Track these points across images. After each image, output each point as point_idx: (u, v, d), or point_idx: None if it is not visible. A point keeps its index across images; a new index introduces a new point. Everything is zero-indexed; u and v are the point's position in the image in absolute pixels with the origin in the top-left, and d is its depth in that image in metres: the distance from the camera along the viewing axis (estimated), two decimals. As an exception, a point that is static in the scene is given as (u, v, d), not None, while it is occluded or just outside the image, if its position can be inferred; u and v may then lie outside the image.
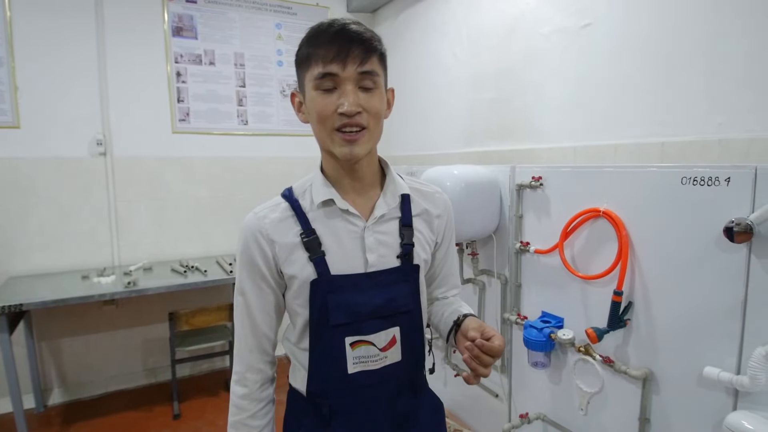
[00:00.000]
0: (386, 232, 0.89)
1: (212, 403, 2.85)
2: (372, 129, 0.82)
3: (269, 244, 0.86)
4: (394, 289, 0.89)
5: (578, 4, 1.97)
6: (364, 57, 0.78)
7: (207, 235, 3.24)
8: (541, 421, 1.80)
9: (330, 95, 0.79)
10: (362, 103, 0.79)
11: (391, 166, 0.94)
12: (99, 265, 2.89)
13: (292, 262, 0.86)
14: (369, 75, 0.79)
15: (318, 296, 0.85)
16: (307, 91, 0.82)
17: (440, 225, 0.99)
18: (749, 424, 1.07)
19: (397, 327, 0.90)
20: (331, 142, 0.82)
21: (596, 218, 1.53)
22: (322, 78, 0.78)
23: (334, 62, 0.77)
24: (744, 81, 1.46)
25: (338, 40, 0.77)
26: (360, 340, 0.87)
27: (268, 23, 3.31)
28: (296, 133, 3.47)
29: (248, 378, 0.91)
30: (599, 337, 1.45)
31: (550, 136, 2.17)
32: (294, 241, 0.86)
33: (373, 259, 0.87)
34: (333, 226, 0.87)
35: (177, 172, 3.10)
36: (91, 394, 2.94)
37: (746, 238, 1.12)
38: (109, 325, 3.00)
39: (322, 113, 0.80)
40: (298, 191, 0.91)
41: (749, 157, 1.42)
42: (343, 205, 0.87)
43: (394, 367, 0.91)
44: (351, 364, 0.87)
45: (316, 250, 0.85)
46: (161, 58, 3.00)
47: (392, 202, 0.90)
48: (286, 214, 0.88)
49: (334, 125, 0.80)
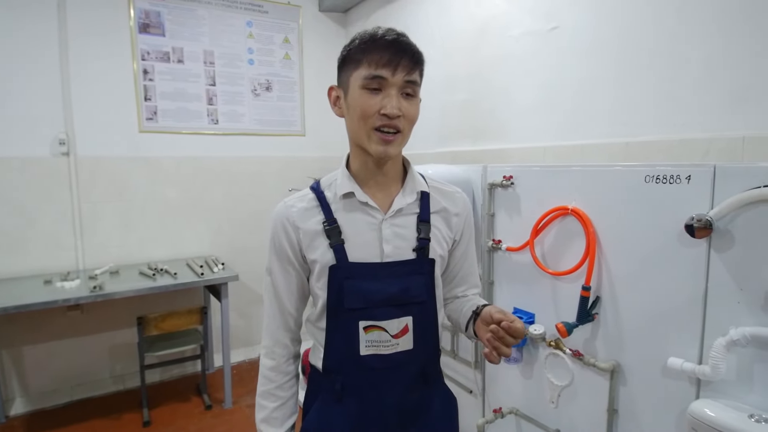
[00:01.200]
0: (404, 226, 0.95)
1: (184, 409, 2.79)
2: (405, 133, 0.90)
3: (294, 230, 0.94)
4: (409, 279, 0.94)
5: (546, 7, 2.02)
6: (412, 67, 0.87)
7: (176, 237, 3.17)
8: (514, 415, 1.84)
9: (375, 96, 0.86)
10: (403, 108, 0.86)
11: (413, 166, 1.01)
12: (63, 269, 2.79)
13: (315, 248, 0.93)
14: (412, 84, 0.88)
15: (336, 281, 0.92)
16: (352, 88, 0.89)
17: (458, 223, 1.04)
18: (711, 412, 1.12)
19: (410, 316, 0.95)
20: (367, 139, 0.89)
21: (565, 216, 1.57)
22: (372, 79, 0.86)
23: (386, 67, 0.85)
24: (703, 83, 1.52)
25: (392, 47, 0.85)
26: (373, 325, 0.93)
27: (238, 21, 3.26)
28: (268, 132, 3.43)
29: (276, 352, 1.01)
30: (569, 331, 1.49)
31: (520, 137, 2.22)
32: (317, 228, 0.93)
33: (389, 249, 0.93)
34: (353, 217, 0.94)
35: (144, 172, 3.02)
36: (55, 403, 2.83)
37: (706, 234, 1.17)
38: (74, 331, 2.89)
39: (366, 111, 0.87)
40: (325, 184, 0.98)
41: (708, 156, 1.49)
42: (363, 197, 0.94)
43: (405, 354, 0.95)
44: (363, 346, 0.93)
45: (336, 238, 0.92)
46: (127, 55, 2.92)
47: (411, 197, 0.97)
48: (311, 204, 0.96)
49: (374, 124, 0.87)
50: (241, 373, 3.27)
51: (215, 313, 3.09)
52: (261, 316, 1.03)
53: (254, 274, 3.42)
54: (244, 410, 2.79)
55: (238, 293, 3.28)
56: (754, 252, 1.12)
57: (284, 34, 3.46)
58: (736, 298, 1.15)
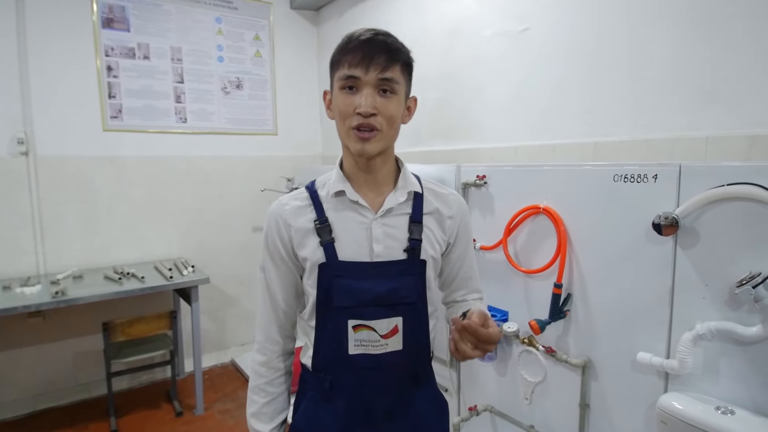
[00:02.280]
0: (395, 226, 0.95)
1: (154, 417, 2.71)
2: (384, 131, 0.89)
3: (286, 228, 0.96)
4: (399, 280, 0.94)
5: (517, 9, 2.05)
6: (387, 65, 0.86)
7: (143, 240, 3.07)
8: (489, 412, 1.85)
9: (352, 95, 0.88)
10: (378, 106, 0.87)
11: (407, 167, 1.01)
12: (22, 274, 2.67)
13: (305, 245, 0.94)
14: (388, 81, 0.87)
15: (325, 279, 0.93)
16: (334, 90, 0.91)
17: (452, 226, 1.03)
18: (679, 405, 1.15)
19: (399, 317, 0.95)
20: (347, 138, 0.90)
21: (537, 215, 1.59)
22: (347, 79, 0.87)
23: (359, 66, 0.86)
24: (667, 85, 1.57)
25: (365, 47, 0.86)
26: (362, 324, 0.93)
27: (207, 17, 3.18)
28: (239, 131, 3.37)
29: (267, 347, 1.01)
30: (541, 328, 1.51)
31: (492, 136, 2.24)
32: (308, 226, 0.94)
33: (380, 249, 0.93)
34: (344, 215, 0.95)
35: (109, 172, 2.92)
36: (16, 414, 2.71)
37: (672, 231, 1.20)
38: (36, 339, 2.77)
39: (344, 112, 0.88)
40: (319, 184, 0.99)
41: (674, 155, 1.53)
42: (354, 196, 0.94)
43: (394, 354, 0.95)
44: (352, 345, 0.93)
45: (326, 236, 0.93)
46: (90, 51, 2.81)
47: (402, 197, 0.96)
48: (305, 203, 0.97)
49: (352, 124, 0.88)
50: (213, 378, 3.20)
51: (185, 317, 3.01)
52: (233, 319, 1.01)
53: (226, 276, 3.35)
54: (216, 416, 2.73)
55: (209, 296, 3.20)
56: (719, 248, 1.15)
57: (255, 31, 3.40)
58: (702, 294, 1.19)
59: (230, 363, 3.40)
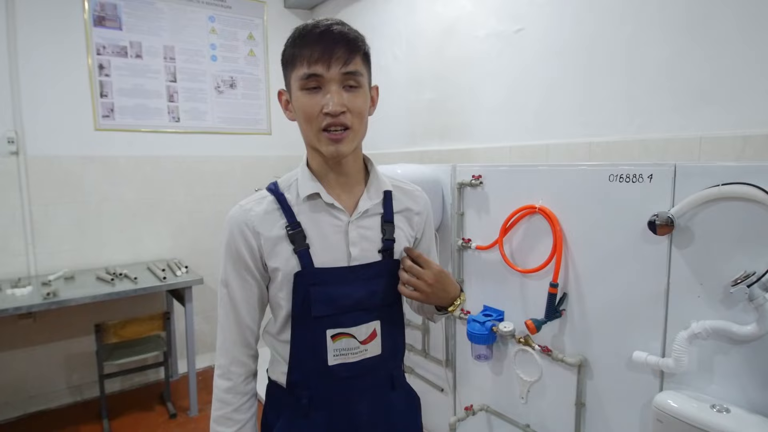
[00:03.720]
0: (369, 227, 0.92)
1: (147, 419, 2.69)
2: (356, 128, 0.85)
3: (255, 236, 0.88)
4: (376, 282, 0.92)
5: (511, 9, 2.05)
6: (348, 57, 0.81)
7: (136, 240, 3.04)
8: (484, 412, 1.86)
9: (315, 95, 0.82)
10: (346, 102, 0.81)
11: (375, 164, 0.97)
12: (12, 276, 2.63)
13: (277, 254, 0.88)
14: (353, 75, 0.82)
15: (301, 288, 0.87)
16: (293, 91, 0.85)
17: (420, 222, 1.02)
18: (675, 403, 1.16)
19: (378, 321, 0.93)
20: (317, 141, 0.85)
21: (533, 214, 1.59)
22: (308, 78, 0.81)
23: (319, 63, 0.80)
24: (661, 84, 1.58)
25: (323, 40, 0.80)
26: (341, 332, 0.89)
27: (200, 15, 3.16)
28: (233, 131, 3.35)
29: (233, 371, 0.92)
30: (537, 327, 1.51)
31: (487, 136, 2.24)
32: (279, 233, 0.88)
33: (356, 252, 0.90)
34: (318, 219, 0.89)
35: (100, 172, 2.89)
36: (7, 417, 2.67)
37: (668, 231, 1.21)
38: (27, 341, 2.74)
39: (309, 113, 0.82)
40: (284, 185, 0.93)
41: (667, 155, 1.54)
42: (329, 199, 0.89)
43: (373, 360, 0.93)
44: (331, 356, 0.89)
45: (300, 242, 0.87)
46: (81, 49, 2.78)
47: (375, 198, 0.94)
48: (271, 207, 0.90)
49: (320, 125, 0.82)
50: (207, 379, 3.18)
51: (179, 318, 2.99)
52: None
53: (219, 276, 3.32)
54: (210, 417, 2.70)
55: (202, 297, 3.18)
56: (713, 248, 1.16)
57: (248, 30, 3.38)
58: (697, 293, 1.20)
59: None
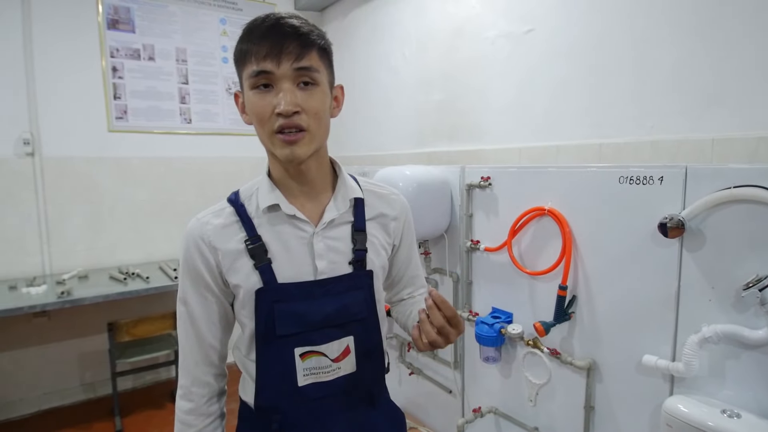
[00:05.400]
0: (337, 238, 0.86)
1: (158, 416, 2.72)
2: (313, 130, 0.77)
3: (212, 251, 0.82)
4: (347, 296, 0.85)
5: (521, 10, 2.04)
6: (300, 52, 0.74)
7: (148, 240, 3.08)
8: (493, 414, 1.85)
9: (266, 94, 0.75)
10: (300, 102, 0.74)
11: (343, 169, 0.90)
12: (28, 275, 2.68)
13: (237, 270, 0.81)
14: (306, 71, 0.75)
15: (264, 306, 0.81)
16: (245, 91, 0.78)
17: (397, 228, 0.96)
18: (685, 408, 1.15)
19: (350, 336, 0.86)
20: (272, 145, 0.78)
21: (541, 216, 1.59)
22: (257, 76, 0.74)
23: (268, 59, 0.73)
24: (671, 85, 1.56)
25: (272, 34, 0.73)
26: (310, 350, 0.83)
27: (211, 18, 3.19)
28: (243, 132, 3.37)
29: (194, 392, 0.86)
30: (546, 330, 1.50)
31: (496, 137, 2.23)
32: (238, 247, 0.81)
33: (323, 265, 0.83)
34: (280, 232, 0.83)
35: (114, 173, 2.93)
36: (22, 413, 2.72)
37: (678, 233, 1.20)
38: (41, 339, 2.78)
39: (260, 115, 0.76)
40: (245, 195, 0.86)
41: (678, 157, 1.53)
42: (290, 210, 0.83)
43: (348, 378, 0.87)
44: (301, 376, 0.83)
45: (261, 257, 0.81)
46: (95, 52, 2.82)
47: (343, 206, 0.86)
48: (230, 220, 0.83)
49: (272, 127, 0.75)
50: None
51: (190, 317, 3.02)
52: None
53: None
54: (220, 416, 2.73)
55: (213, 296, 3.21)
56: (725, 251, 1.15)
57: (259, 32, 3.40)
58: (708, 296, 1.19)
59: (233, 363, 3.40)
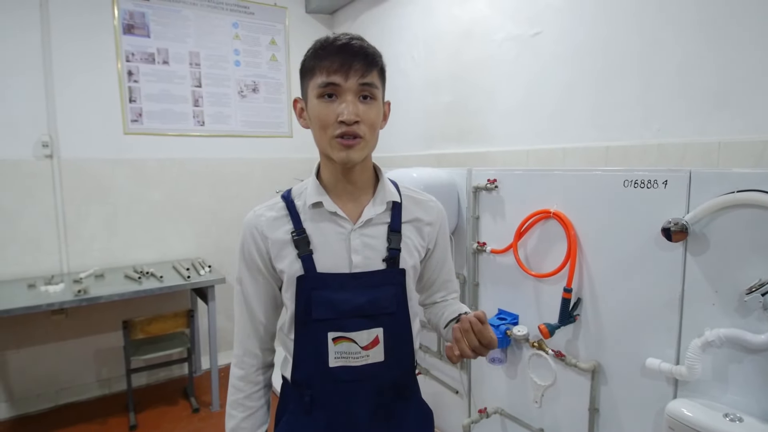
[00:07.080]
0: (373, 236, 0.94)
1: (171, 413, 2.78)
2: (368, 139, 0.88)
3: (263, 239, 0.94)
4: (378, 290, 0.93)
5: (529, 12, 2.05)
6: (366, 70, 0.85)
7: (162, 240, 3.14)
8: (498, 415, 1.86)
9: (331, 104, 0.85)
10: (360, 113, 0.85)
11: (385, 174, 1.00)
12: (46, 273, 2.76)
13: (283, 257, 0.92)
14: (368, 87, 0.86)
15: (303, 291, 0.91)
16: (310, 99, 0.89)
17: (432, 232, 1.03)
18: (688, 411, 1.15)
19: (380, 328, 0.93)
20: (330, 148, 0.87)
21: (547, 219, 1.60)
22: (326, 87, 0.84)
23: (338, 73, 0.83)
24: (677, 88, 1.56)
25: (343, 53, 0.84)
26: (342, 336, 0.91)
27: (224, 22, 3.24)
28: (255, 134, 3.42)
29: (245, 361, 0.99)
30: (551, 332, 1.51)
31: (503, 140, 2.24)
32: (285, 238, 0.93)
33: (358, 260, 0.92)
34: (322, 226, 0.93)
35: (129, 174, 2.99)
36: (39, 408, 2.80)
37: (682, 237, 1.20)
38: (59, 336, 2.86)
39: (324, 120, 0.86)
40: (296, 193, 0.98)
41: (684, 161, 1.52)
42: (332, 207, 0.93)
43: (376, 366, 0.94)
44: (333, 358, 0.92)
45: (304, 248, 0.91)
46: (111, 57, 2.89)
47: (381, 207, 0.95)
48: (281, 213, 0.95)
49: (334, 133, 0.85)
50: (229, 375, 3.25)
51: (202, 315, 3.08)
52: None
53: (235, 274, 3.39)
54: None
55: (225, 296, 3.26)
56: (729, 255, 1.15)
57: (271, 35, 3.45)
58: (711, 300, 1.19)
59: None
